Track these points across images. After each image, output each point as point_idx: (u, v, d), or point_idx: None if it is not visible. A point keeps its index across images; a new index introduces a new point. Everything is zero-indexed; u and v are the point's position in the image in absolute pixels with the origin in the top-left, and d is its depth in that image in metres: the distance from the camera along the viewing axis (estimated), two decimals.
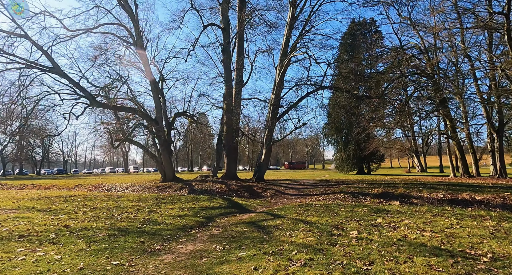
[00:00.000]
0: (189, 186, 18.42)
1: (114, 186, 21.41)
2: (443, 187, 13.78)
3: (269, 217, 8.30)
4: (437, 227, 5.98)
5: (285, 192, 16.97)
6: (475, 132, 29.48)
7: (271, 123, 19.32)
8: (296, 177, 28.75)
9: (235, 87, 21.70)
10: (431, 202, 10.20)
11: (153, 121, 20.58)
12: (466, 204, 10.21)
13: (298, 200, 13.75)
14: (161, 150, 21.18)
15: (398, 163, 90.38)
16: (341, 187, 15.96)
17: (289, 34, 19.84)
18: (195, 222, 7.84)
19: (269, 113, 20.30)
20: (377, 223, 6.52)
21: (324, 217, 7.47)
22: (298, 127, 18.70)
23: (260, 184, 19.05)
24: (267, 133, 19.92)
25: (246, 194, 16.03)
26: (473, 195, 10.81)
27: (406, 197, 11.84)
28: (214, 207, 10.44)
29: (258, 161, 21.75)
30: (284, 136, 20.74)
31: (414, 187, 13.33)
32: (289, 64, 20.87)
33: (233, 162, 21.46)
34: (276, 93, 20.03)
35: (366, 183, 17.28)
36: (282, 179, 24.70)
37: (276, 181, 22.10)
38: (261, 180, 20.46)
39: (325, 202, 11.42)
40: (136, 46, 19.92)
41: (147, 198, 12.39)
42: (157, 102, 21.30)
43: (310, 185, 20.20)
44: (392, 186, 14.80)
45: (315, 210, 8.75)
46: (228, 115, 20.51)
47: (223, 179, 20.72)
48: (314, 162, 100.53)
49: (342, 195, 13.53)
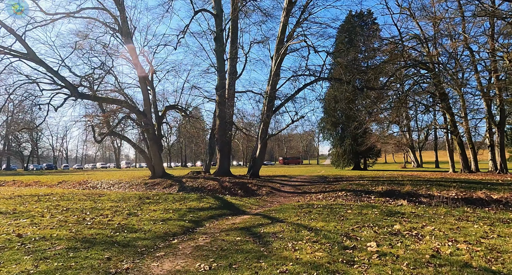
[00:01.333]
0: (179, 183, 17.27)
1: (100, 182, 20.14)
2: (452, 184, 12.84)
3: (266, 220, 7.21)
4: (469, 236, 4.94)
5: (282, 189, 15.90)
6: (473, 127, 28.76)
7: (266, 116, 18.18)
8: (292, 173, 27.74)
9: (229, 78, 20.46)
10: (443, 201, 9.22)
11: (141, 114, 19.28)
12: (482, 203, 9.26)
13: (296, 199, 12.69)
14: (150, 144, 19.93)
15: (393, 158, 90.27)
16: (341, 184, 14.94)
17: (285, 21, 18.60)
18: (180, 227, 6.70)
19: (265, 106, 19.13)
20: (395, 230, 5.46)
21: (330, 221, 6.38)
22: (295, 120, 17.59)
23: (254, 180, 17.96)
24: (262, 126, 18.78)
25: (240, 192, 14.93)
26: (489, 193, 9.86)
27: (414, 195, 10.85)
28: (203, 208, 9.30)
29: (252, 156, 20.65)
30: (281, 130, 19.64)
31: (421, 184, 12.35)
32: (285, 54, 19.66)
33: (226, 157, 20.31)
34: (272, 84, 18.85)
35: (366, 180, 16.30)
36: (278, 175, 23.64)
37: (271, 177, 21.03)
38: (256, 176, 19.37)
39: (327, 202, 10.37)
40: (122, 34, 18.51)
41: (130, 197, 11.19)
42: (146, 94, 19.98)
43: (307, 181, 19.18)
44: (396, 183, 13.82)
45: (318, 212, 7.67)
46: (221, 108, 19.29)
47: (216, 175, 19.59)
48: (309, 157, 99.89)
49: (344, 193, 12.49)
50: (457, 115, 28.21)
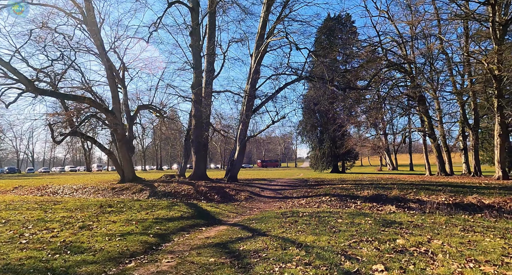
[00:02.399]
0: (150, 188, 15.87)
1: (62, 187, 18.29)
2: (437, 188, 12.39)
3: (246, 233, 6.17)
4: (487, 253, 4.16)
5: (262, 194, 14.92)
6: (448, 130, 29.22)
7: (245, 116, 17.17)
8: (271, 176, 26.86)
9: (206, 76, 19.30)
10: (437, 207, 8.58)
11: (108, 113, 17.67)
12: (474, 209, 8.72)
13: (278, 204, 11.75)
14: (119, 145, 18.33)
15: (368, 161, 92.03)
16: (324, 188, 14.17)
17: (266, 16, 17.76)
18: (141, 244, 5.51)
19: (244, 105, 18.14)
20: (399, 246, 4.60)
21: (321, 234, 5.44)
22: (276, 120, 16.72)
23: (232, 184, 16.88)
24: (241, 127, 17.75)
25: (216, 197, 13.79)
26: (480, 198, 9.36)
27: (403, 200, 10.21)
28: (173, 218, 8.11)
29: (230, 159, 19.55)
30: (261, 130, 18.74)
31: (407, 188, 11.77)
32: (266, 51, 18.80)
33: (202, 159, 19.07)
34: (251, 83, 17.90)
35: (349, 184, 15.66)
36: (257, 178, 22.66)
37: (250, 181, 20.01)
38: (234, 180, 18.29)
39: (313, 209, 9.48)
40: (87, 25, 16.88)
41: (89, 205, 9.76)
42: (114, 91, 18.38)
43: (287, 185, 18.33)
44: (381, 187, 13.22)
45: (305, 221, 6.73)
46: (197, 107, 18.07)
47: (191, 179, 18.32)
48: (287, 160, 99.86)
49: (328, 198, 11.70)
50: (433, 119, 28.50)
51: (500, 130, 19.75)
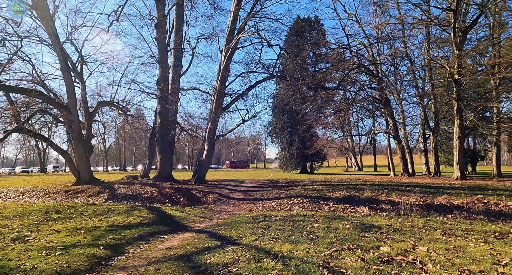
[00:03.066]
0: (109, 190, 14.56)
1: (6, 191, 16.32)
2: (406, 188, 12.47)
3: (214, 241, 5.47)
4: (479, 261, 3.84)
5: (231, 195, 14.22)
6: (410, 132, 30.43)
7: (214, 114, 16.38)
8: (240, 177, 26.22)
9: (172, 72, 18.25)
10: (409, 208, 8.43)
11: (62, 109, 16.04)
12: (444, 210, 8.70)
13: (248, 207, 11.13)
14: (75, 144, 16.74)
15: (335, 162, 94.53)
16: (296, 190, 13.78)
17: (237, 11, 17.11)
18: (87, 259, 4.61)
19: (213, 103, 17.34)
20: (384, 254, 4.16)
21: (298, 242, 4.90)
22: (247, 120, 16.13)
23: (200, 186, 16.02)
24: (210, 126, 16.93)
25: (182, 200, 12.89)
26: (449, 199, 9.40)
27: (375, 201, 10.04)
28: (131, 225, 7.19)
29: (198, 159, 18.64)
30: (231, 129, 17.98)
31: (379, 189, 11.68)
32: (236, 48, 18.16)
33: (168, 160, 17.96)
34: (221, 80, 17.15)
35: (320, 185, 15.44)
36: (226, 180, 21.90)
37: (219, 182, 19.22)
38: (202, 181, 17.41)
39: (284, 211, 8.97)
40: (37, 9, 15.17)
41: (33, 211, 8.49)
42: (69, 84, 16.77)
43: (257, 186, 17.79)
44: (351, 188, 13.08)
45: (279, 227, 6.17)
46: (162, 104, 16.96)
47: (155, 181, 17.16)
48: (256, 161, 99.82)
49: (300, 199, 11.28)
50: (397, 121, 29.47)
51: (459, 132, 20.63)
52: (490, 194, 10.35)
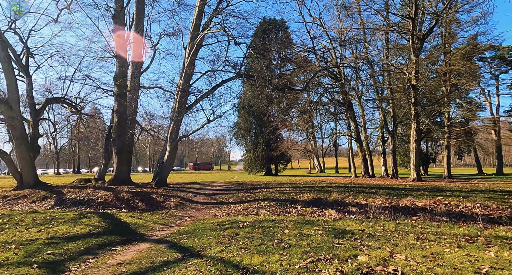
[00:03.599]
0: (57, 195, 13.11)
1: None
2: (370, 190, 12.64)
3: (174, 254, 4.83)
4: (461, 270, 3.63)
5: (194, 199, 13.46)
6: (370, 135, 31.61)
7: (178, 113, 15.50)
8: (204, 179, 25.37)
9: (132, 67, 17.07)
10: (378, 211, 8.38)
11: (2, 104, 14.23)
12: (409, 211, 8.78)
13: (213, 211, 10.50)
14: (16, 144, 14.95)
15: (298, 164, 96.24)
16: (262, 193, 13.39)
17: (202, 6, 16.41)
18: None
19: (176, 102, 16.44)
20: (363, 264, 3.84)
21: (270, 252, 4.43)
22: (212, 120, 15.47)
23: (161, 189, 15.04)
24: (172, 125, 16.01)
25: (141, 205, 11.91)
26: (413, 201, 9.55)
27: (342, 204, 9.93)
28: (78, 235, 6.26)
29: (159, 161, 17.56)
30: (195, 130, 17.13)
31: (345, 192, 11.66)
32: (201, 45, 17.44)
33: (125, 161, 16.69)
34: (185, 77, 16.31)
35: (287, 187, 15.21)
36: (189, 182, 20.96)
37: (181, 185, 18.29)
38: (163, 184, 16.41)
39: (251, 216, 8.49)
40: None
41: None
42: (11, 77, 14.94)
43: (222, 189, 17.16)
44: (318, 190, 12.98)
45: (248, 234, 5.67)
46: (120, 101, 15.71)
47: (111, 184, 15.83)
48: (220, 162, 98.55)
49: (267, 203, 10.89)
50: (359, 124, 30.40)
51: (416, 136, 21.63)
52: (448, 195, 10.75)
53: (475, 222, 7.43)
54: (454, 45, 26.44)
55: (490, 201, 9.05)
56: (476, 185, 16.05)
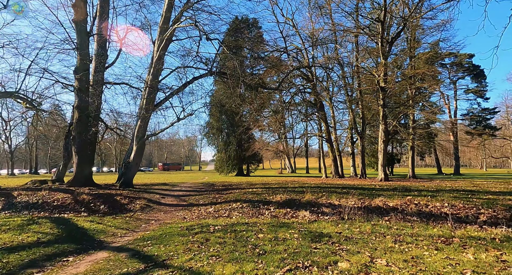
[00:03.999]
0: (6, 198, 11.82)
1: None
2: (342, 190, 12.67)
3: (136, 264, 4.30)
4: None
5: (162, 201, 12.75)
6: (340, 136, 32.27)
7: (145, 110, 14.66)
8: (174, 180, 24.45)
9: (95, 61, 15.94)
10: (352, 212, 8.28)
11: None
12: (381, 212, 8.79)
13: (182, 214, 9.92)
14: None
15: (269, 164, 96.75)
16: (234, 194, 12.97)
17: None
18: None
19: (144, 99, 15.57)
20: (345, 272, 3.56)
21: (243, 260, 4.05)
22: (182, 118, 14.78)
23: (126, 191, 14.14)
24: (139, 123, 15.13)
25: (103, 208, 11.04)
26: (385, 201, 9.61)
27: (316, 205, 9.78)
28: (23, 245, 5.48)
29: (125, 161, 16.55)
30: (164, 128, 16.28)
31: (319, 192, 11.55)
32: (171, 40, 16.70)
33: (87, 161, 15.52)
34: (153, 73, 15.49)
35: (259, 188, 14.91)
36: (157, 183, 20.04)
37: (149, 186, 17.39)
38: (129, 186, 15.46)
39: (223, 219, 8.05)
40: None
41: None
42: None
43: (193, 190, 16.52)
44: (290, 190, 12.79)
45: (219, 240, 5.24)
46: (81, 96, 14.57)
47: (70, 185, 14.63)
48: (191, 163, 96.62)
49: (239, 204, 10.49)
50: (329, 125, 30.87)
51: (384, 137, 22.24)
52: (416, 194, 10.99)
53: (445, 221, 7.55)
54: (419, 50, 27.66)
55: (456, 201, 9.30)
56: (439, 184, 16.73)
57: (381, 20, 19.69)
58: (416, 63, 25.20)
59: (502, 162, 78.53)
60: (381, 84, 21.32)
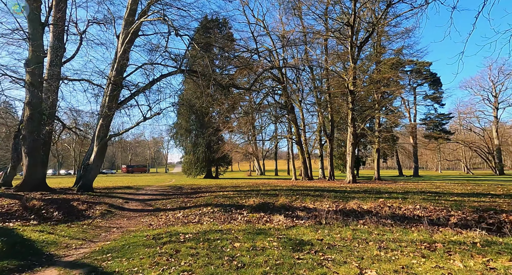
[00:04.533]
0: None
1: None
2: (315, 193, 12.53)
3: None
4: None
5: (126, 206, 11.79)
6: (309, 138, 32.63)
7: (108, 108, 13.57)
8: (139, 183, 23.11)
9: (51, 53, 14.51)
10: (327, 216, 8.05)
11: None
12: (356, 215, 8.67)
13: (147, 220, 9.14)
14: None
15: (238, 167, 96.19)
16: (204, 197, 12.32)
17: None
18: None
19: (106, 96, 14.45)
20: None
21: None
22: (149, 117, 13.85)
23: (85, 195, 12.96)
24: (101, 122, 13.97)
25: (56, 215, 9.93)
26: (359, 204, 9.53)
27: (290, 208, 9.46)
28: None
29: (84, 163, 15.22)
30: (129, 128, 15.15)
31: (293, 195, 11.25)
32: (137, 35, 15.71)
33: (39, 163, 14.02)
34: (117, 69, 14.40)
35: (231, 191, 14.37)
36: (120, 186, 18.74)
37: (111, 190, 16.16)
38: (88, 190, 14.22)
39: (194, 225, 7.45)
40: None
41: None
42: None
43: (159, 194, 15.58)
44: (264, 194, 12.40)
45: (191, 251, 4.68)
46: (33, 91, 13.13)
47: (19, 190, 13.11)
48: (157, 165, 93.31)
49: (210, 208, 9.91)
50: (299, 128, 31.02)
51: (352, 139, 22.62)
52: (387, 197, 11.09)
53: (418, 223, 7.56)
54: (385, 56, 28.73)
55: (426, 203, 9.45)
56: (404, 186, 17.25)
57: (351, 24, 20.06)
58: (382, 68, 26.12)
59: (454, 164, 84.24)
60: (351, 88, 21.71)
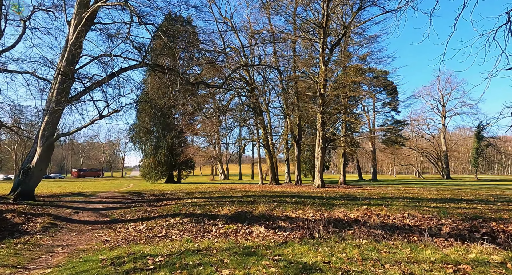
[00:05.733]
0: None
1: None
2: (292, 200, 11.75)
3: None
4: None
5: (75, 218, 10.01)
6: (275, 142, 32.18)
7: (55, 103, 11.64)
8: (92, 189, 20.67)
9: None
10: (317, 228, 7.22)
11: None
12: (343, 224, 7.98)
13: (102, 235, 7.63)
14: None
15: (200, 171, 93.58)
16: (171, 206, 10.92)
17: None
18: None
19: (53, 89, 12.47)
20: None
21: None
22: (106, 115, 12.11)
23: (23, 205, 10.91)
24: (47, 119, 11.96)
25: None
26: (345, 212, 8.87)
27: (271, 218, 8.51)
28: None
29: (24, 166, 12.95)
30: (82, 126, 13.11)
31: (271, 203, 10.32)
32: (93, 23, 13.86)
33: None
34: (68, 59, 12.51)
35: (200, 198, 13.06)
36: (69, 193, 16.43)
37: (58, 198, 13.99)
38: (29, 198, 12.07)
39: (164, 244, 6.17)
40: None
41: None
42: None
43: (117, 201, 13.77)
44: (237, 200, 11.32)
45: None
46: None
47: None
48: (112, 169, 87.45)
49: (179, 219, 8.62)
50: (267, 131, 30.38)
51: (322, 143, 22.39)
52: (368, 203, 10.63)
53: (410, 234, 7.07)
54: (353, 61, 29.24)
55: (412, 210, 9.07)
56: (374, 191, 17.19)
57: (323, 26, 19.88)
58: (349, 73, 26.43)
59: (406, 168, 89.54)
60: (321, 91, 21.52)
